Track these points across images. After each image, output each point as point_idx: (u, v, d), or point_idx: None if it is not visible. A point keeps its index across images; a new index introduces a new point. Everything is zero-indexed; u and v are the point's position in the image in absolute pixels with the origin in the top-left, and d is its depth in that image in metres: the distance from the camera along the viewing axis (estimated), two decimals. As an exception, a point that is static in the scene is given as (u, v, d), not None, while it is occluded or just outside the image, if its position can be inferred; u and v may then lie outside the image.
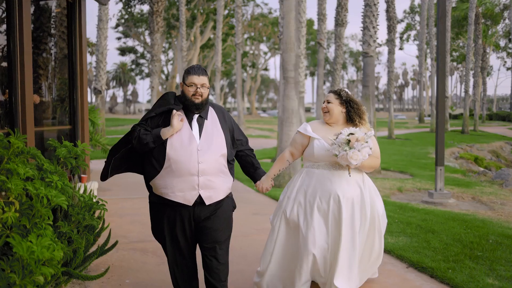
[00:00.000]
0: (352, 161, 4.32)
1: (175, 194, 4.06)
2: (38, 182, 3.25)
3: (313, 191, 4.63)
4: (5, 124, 6.94)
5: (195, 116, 4.18)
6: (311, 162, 4.75)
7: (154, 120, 4.17)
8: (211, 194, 4.12)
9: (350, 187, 4.62)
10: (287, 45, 11.75)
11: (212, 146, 4.12)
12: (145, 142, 4.03)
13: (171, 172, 4.04)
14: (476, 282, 5.34)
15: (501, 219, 8.90)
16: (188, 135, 4.09)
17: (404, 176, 15.41)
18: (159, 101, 4.25)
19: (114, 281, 5.35)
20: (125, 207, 9.27)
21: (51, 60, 9.03)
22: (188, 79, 4.12)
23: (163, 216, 4.21)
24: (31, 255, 2.73)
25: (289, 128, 12.07)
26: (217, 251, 4.20)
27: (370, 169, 4.76)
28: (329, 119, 4.74)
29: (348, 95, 4.76)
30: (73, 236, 3.98)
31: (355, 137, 4.36)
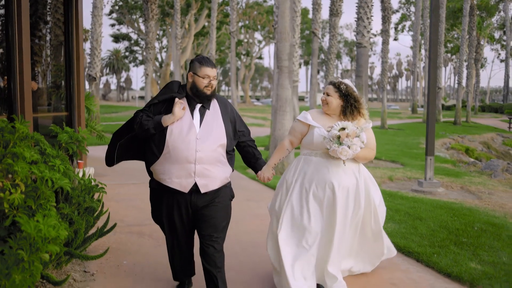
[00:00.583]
0: (341, 157, 4.46)
1: (172, 180, 4.19)
2: (43, 165, 3.43)
3: (310, 178, 4.72)
4: (3, 110, 7.08)
5: (198, 105, 4.29)
6: (309, 150, 4.84)
7: (157, 107, 4.29)
8: (207, 182, 4.24)
9: (346, 176, 4.72)
10: (281, 34, 11.90)
11: (211, 136, 4.23)
12: (146, 128, 4.15)
13: (169, 159, 4.17)
14: (459, 266, 5.56)
15: (487, 208, 9.13)
16: (189, 123, 4.20)
17: (395, 166, 15.64)
18: (163, 89, 4.37)
19: (112, 262, 5.53)
20: (121, 193, 9.44)
21: (48, 47, 9.15)
22: (202, 70, 4.22)
23: (162, 202, 4.37)
24: (38, 233, 2.91)
25: (283, 116, 12.24)
26: (214, 239, 4.33)
27: (365, 160, 4.86)
28: (327, 109, 4.84)
29: (347, 88, 4.82)
30: (74, 217, 4.16)
31: (345, 133, 4.46)
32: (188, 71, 4.35)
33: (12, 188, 3.23)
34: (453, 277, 5.37)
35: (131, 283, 5.00)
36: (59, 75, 9.37)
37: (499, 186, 12.52)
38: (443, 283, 5.27)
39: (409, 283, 5.25)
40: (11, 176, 3.28)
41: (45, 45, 8.99)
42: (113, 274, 5.22)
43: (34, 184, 3.45)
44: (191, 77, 4.28)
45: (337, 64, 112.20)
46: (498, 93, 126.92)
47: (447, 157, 20.07)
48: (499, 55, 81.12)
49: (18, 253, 2.98)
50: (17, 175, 3.22)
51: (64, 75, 9.36)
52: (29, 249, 2.99)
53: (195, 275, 4.88)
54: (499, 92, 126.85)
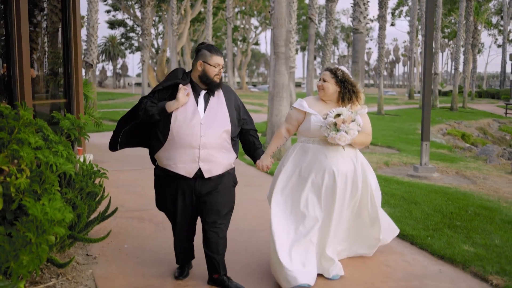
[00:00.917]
0: (340, 143, 4.52)
1: (177, 166, 4.27)
2: (47, 151, 3.53)
3: (308, 165, 4.78)
4: (3, 97, 7.16)
5: (202, 92, 4.37)
6: (306, 137, 4.88)
7: (162, 93, 4.36)
8: (210, 167, 4.32)
9: (344, 162, 4.79)
10: (278, 21, 11.97)
11: (215, 122, 4.31)
12: (151, 113, 4.22)
13: (174, 145, 4.25)
14: (452, 248, 5.69)
15: (481, 193, 9.27)
16: (193, 109, 4.28)
17: (391, 151, 15.76)
18: (168, 76, 4.44)
19: (113, 246, 5.66)
20: (120, 179, 9.54)
21: (46, 34, 9.21)
22: (213, 59, 4.30)
23: (166, 189, 4.45)
24: (45, 216, 3.02)
25: (280, 102, 12.33)
26: (218, 225, 4.43)
27: (361, 145, 4.92)
28: (323, 95, 4.87)
29: (344, 74, 4.85)
30: (77, 202, 4.27)
31: (341, 119, 4.51)
32: (196, 59, 4.38)
33: (18, 173, 3.33)
34: (446, 259, 5.50)
35: (132, 266, 5.12)
36: (57, 62, 9.44)
37: (494, 171, 12.67)
38: (436, 264, 5.41)
39: (404, 265, 5.38)
40: (16, 161, 3.39)
41: (43, 32, 9.05)
42: (115, 258, 5.34)
43: (39, 169, 3.55)
44: (201, 65, 4.32)
45: (334, 50, 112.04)
46: (495, 78, 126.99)
47: (443, 142, 20.21)
48: (496, 40, 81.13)
49: (25, 235, 3.09)
50: (23, 160, 3.32)
51: (62, 62, 9.42)
52: (36, 232, 3.10)
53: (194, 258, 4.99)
54: (496, 77, 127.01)
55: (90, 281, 4.69)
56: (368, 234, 5.28)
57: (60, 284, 4.52)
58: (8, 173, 3.34)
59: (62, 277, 4.64)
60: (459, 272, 5.22)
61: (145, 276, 4.85)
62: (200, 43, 4.49)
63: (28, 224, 3.15)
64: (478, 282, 4.96)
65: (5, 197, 3.39)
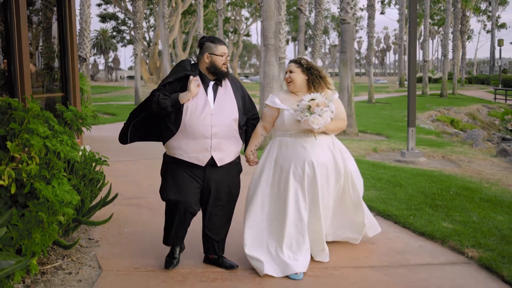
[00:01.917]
0: (314, 126, 4.58)
1: (189, 155, 4.46)
2: (54, 140, 3.87)
3: (287, 158, 4.85)
4: (4, 91, 7.47)
5: (211, 82, 4.57)
6: (283, 131, 4.95)
7: (172, 85, 4.53)
8: (222, 156, 4.54)
9: (323, 152, 4.88)
10: (267, 13, 12.28)
11: (225, 111, 4.51)
12: (164, 106, 4.39)
13: (186, 135, 4.43)
14: (432, 226, 6.07)
15: (465, 175, 9.66)
16: (204, 100, 4.47)
17: (380, 138, 16.14)
18: (176, 68, 4.63)
19: (114, 231, 6.01)
20: (119, 169, 9.86)
21: (43, 30, 9.50)
22: (219, 49, 4.52)
23: (175, 171, 4.56)
24: (56, 197, 3.37)
25: (270, 93, 12.66)
26: (223, 210, 4.72)
27: (336, 131, 5.03)
28: (293, 88, 4.96)
29: (308, 62, 4.97)
30: (80, 187, 4.62)
31: (315, 102, 4.59)
32: (201, 53, 4.57)
33: (29, 160, 3.67)
34: (427, 235, 5.88)
35: (132, 248, 5.47)
36: (54, 57, 9.73)
37: (479, 155, 13.07)
38: (417, 240, 5.79)
39: (387, 242, 5.75)
40: (27, 149, 3.72)
41: (40, 28, 9.34)
42: (116, 241, 5.69)
43: (47, 156, 3.89)
44: (208, 57, 4.52)
45: (325, 40, 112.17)
46: (486, 64, 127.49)
47: (431, 128, 20.59)
48: (485, 26, 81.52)
49: (38, 215, 3.44)
50: (33, 148, 3.66)
51: (59, 57, 9.72)
52: (47, 212, 3.45)
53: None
54: (486, 63, 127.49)
55: (94, 261, 5.04)
56: (353, 219, 5.37)
57: (66, 264, 4.87)
58: (19, 160, 3.69)
59: (67, 258, 4.99)
60: (438, 246, 5.60)
61: (145, 257, 5.20)
62: (202, 37, 4.69)
63: (40, 205, 3.50)
64: (455, 255, 5.34)
65: (17, 182, 3.73)
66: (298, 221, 4.80)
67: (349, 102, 15.93)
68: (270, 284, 4.53)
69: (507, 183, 9.08)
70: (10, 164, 3.64)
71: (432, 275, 4.80)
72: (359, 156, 11.54)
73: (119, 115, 22.75)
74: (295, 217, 4.80)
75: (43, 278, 4.49)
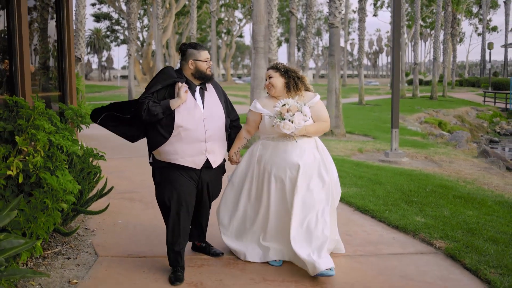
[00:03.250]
0: (285, 131, 4.66)
1: (185, 159, 4.58)
2: (57, 135, 4.29)
3: (269, 161, 4.94)
4: (5, 90, 7.87)
5: (197, 88, 4.72)
6: (265, 135, 5.06)
7: (160, 92, 4.59)
8: (215, 158, 4.76)
9: (305, 154, 4.91)
10: (257, 17, 12.74)
11: (214, 115, 4.70)
12: (156, 113, 4.44)
13: (180, 139, 4.53)
14: (406, 220, 6.53)
15: (443, 174, 10.14)
16: (193, 105, 4.61)
17: (366, 139, 16.62)
18: (161, 76, 4.69)
19: (108, 222, 6.44)
20: (111, 166, 10.23)
21: (42, 31, 9.90)
22: (202, 55, 4.66)
23: (170, 175, 4.67)
24: (60, 185, 3.80)
25: (259, 94, 13.10)
26: (209, 204, 5.13)
27: (317, 133, 5.04)
28: (274, 92, 5.03)
29: (284, 66, 5.09)
30: (79, 180, 5.04)
31: (285, 108, 4.69)
32: (184, 59, 4.70)
33: (35, 153, 4.10)
34: (400, 228, 6.33)
35: (125, 237, 5.90)
36: (51, 57, 10.13)
37: (461, 156, 13.57)
38: (390, 233, 6.24)
39: (362, 234, 6.20)
40: (33, 143, 4.15)
41: (39, 29, 9.73)
42: (110, 231, 6.12)
43: (50, 150, 4.32)
44: (192, 63, 4.65)
45: (318, 41, 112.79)
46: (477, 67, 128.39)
47: (418, 130, 21.11)
48: (477, 29, 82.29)
49: (43, 201, 3.86)
50: (38, 142, 4.08)
51: (56, 57, 10.12)
52: (52, 198, 3.88)
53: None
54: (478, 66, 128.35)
55: (90, 248, 5.46)
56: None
57: (65, 250, 5.30)
58: (26, 153, 4.11)
59: (66, 245, 5.42)
60: (410, 238, 6.06)
61: (137, 245, 5.62)
62: (182, 44, 4.82)
63: (45, 193, 3.93)
64: (425, 246, 5.79)
65: (23, 172, 4.15)
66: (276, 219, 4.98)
67: (337, 103, 16.41)
68: (251, 269, 4.97)
69: (483, 182, 9.57)
70: (18, 156, 4.06)
71: (401, 263, 5.25)
72: (345, 156, 12.00)
73: (112, 114, 23.09)
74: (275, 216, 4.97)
75: (44, 262, 4.92)
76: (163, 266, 4.95)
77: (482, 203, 7.47)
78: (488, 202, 7.53)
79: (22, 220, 3.93)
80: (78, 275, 4.73)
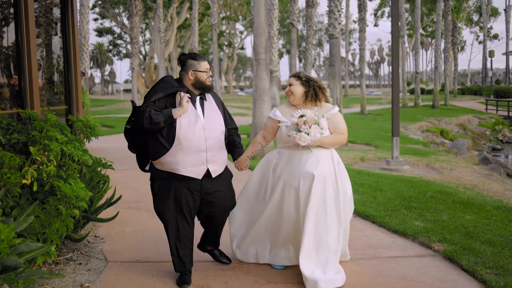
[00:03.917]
0: (300, 143, 4.68)
1: (186, 169, 4.59)
2: (69, 145, 4.51)
3: (283, 169, 4.97)
4: (14, 105, 8.11)
5: (197, 98, 4.74)
6: (282, 143, 5.07)
7: (161, 101, 4.59)
8: (216, 168, 4.75)
9: (320, 165, 4.88)
10: (258, 30, 12.99)
11: (214, 125, 4.71)
12: (157, 121, 4.42)
13: (181, 149, 4.54)
14: (405, 224, 6.72)
15: (444, 181, 10.32)
16: (194, 115, 4.63)
17: (368, 148, 16.81)
18: (161, 84, 4.68)
19: (117, 229, 6.64)
20: (117, 177, 10.44)
21: (49, 47, 10.16)
22: (202, 65, 4.67)
23: (170, 189, 4.69)
24: (73, 192, 4.00)
25: (261, 105, 13.35)
26: (222, 212, 4.98)
27: (333, 145, 5.02)
28: (293, 100, 5.05)
29: (306, 75, 5.12)
30: (89, 188, 5.25)
31: (302, 120, 4.71)
32: (184, 70, 4.72)
33: (48, 162, 4.31)
34: (400, 233, 6.51)
35: (134, 244, 6.10)
36: (58, 73, 10.38)
37: (462, 163, 13.74)
38: (391, 237, 6.42)
39: (363, 238, 6.38)
40: (46, 153, 4.36)
41: (47, 45, 9.99)
42: (119, 238, 6.32)
43: (62, 160, 4.53)
44: (192, 74, 4.67)
45: (319, 52, 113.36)
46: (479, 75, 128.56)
47: (420, 139, 21.29)
48: (478, 37, 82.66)
49: (57, 207, 4.07)
50: (51, 152, 4.30)
51: (62, 72, 10.38)
52: (65, 205, 4.08)
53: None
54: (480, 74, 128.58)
55: (100, 254, 5.67)
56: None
57: (76, 256, 5.50)
58: (40, 162, 4.33)
59: (77, 251, 5.62)
60: (409, 242, 6.24)
61: (145, 251, 5.82)
62: (181, 54, 4.80)
63: (59, 200, 4.14)
64: (423, 249, 5.97)
65: (37, 181, 4.36)
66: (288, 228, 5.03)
67: (338, 113, 16.58)
68: (256, 272, 5.16)
69: (482, 188, 9.75)
70: (32, 165, 4.27)
71: (400, 265, 5.43)
72: (347, 165, 12.13)
73: (116, 127, 23.39)
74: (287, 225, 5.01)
75: (57, 267, 5.12)
76: (171, 270, 5.13)
77: (481, 208, 7.65)
78: (486, 207, 7.71)
79: (37, 226, 4.14)
80: (90, 279, 4.92)
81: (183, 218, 4.76)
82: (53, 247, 4.13)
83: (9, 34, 8.12)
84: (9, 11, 8.06)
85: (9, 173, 4.05)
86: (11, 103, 8.10)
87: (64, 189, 4.02)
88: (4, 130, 4.67)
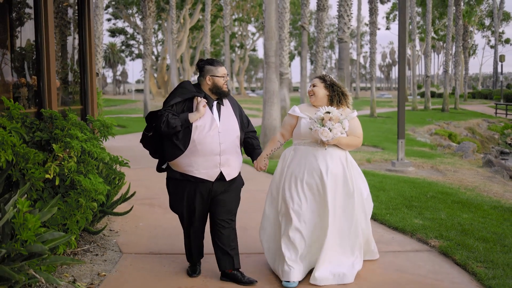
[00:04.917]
0: (322, 137, 4.77)
1: (200, 171, 4.71)
2: (88, 143, 4.88)
3: (300, 166, 5.03)
4: (33, 104, 8.50)
5: (214, 102, 4.84)
6: (298, 140, 5.15)
7: (179, 105, 4.73)
8: (230, 171, 4.83)
9: (333, 163, 4.97)
10: (268, 34, 13.36)
11: (229, 129, 4.81)
12: (174, 125, 4.57)
13: (196, 152, 4.67)
14: (405, 222, 7.04)
15: (446, 182, 10.61)
16: (210, 119, 4.74)
17: (375, 150, 17.11)
18: (179, 90, 4.82)
19: (131, 224, 7.02)
20: (130, 175, 10.74)
21: (66, 49, 10.56)
22: (220, 71, 4.78)
23: (184, 190, 4.85)
24: (93, 186, 4.37)
25: (271, 107, 13.71)
26: (230, 222, 4.92)
27: (349, 147, 5.13)
28: (314, 101, 5.15)
29: (332, 79, 5.20)
30: (106, 184, 5.61)
31: (329, 116, 4.78)
32: (202, 76, 4.83)
33: (69, 159, 4.68)
34: (399, 230, 6.85)
35: (147, 237, 6.47)
36: (75, 73, 10.78)
37: (467, 165, 14.00)
38: (390, 234, 6.75)
39: (364, 234, 6.71)
40: (67, 150, 4.73)
41: (64, 47, 10.40)
42: (133, 232, 6.70)
43: (82, 156, 4.91)
44: (210, 79, 4.79)
45: (331, 54, 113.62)
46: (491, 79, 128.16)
47: (427, 141, 21.53)
48: (490, 41, 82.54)
49: (77, 200, 4.44)
50: (72, 149, 4.66)
51: (79, 73, 10.77)
52: (85, 198, 4.45)
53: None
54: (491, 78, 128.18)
55: (115, 247, 6.04)
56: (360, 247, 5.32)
57: (92, 248, 5.88)
58: (62, 158, 4.70)
59: (93, 243, 6.00)
60: (408, 238, 6.57)
61: (158, 244, 6.19)
62: (200, 60, 4.92)
63: (79, 194, 4.51)
64: (421, 245, 6.30)
65: (59, 176, 4.74)
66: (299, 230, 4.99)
67: (346, 115, 16.89)
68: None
69: (483, 189, 10.03)
70: (54, 161, 4.65)
71: (397, 259, 5.76)
72: (353, 165, 12.49)
73: (129, 127, 23.86)
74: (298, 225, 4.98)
75: (75, 258, 5.49)
76: (182, 261, 5.49)
77: (478, 207, 7.96)
78: (484, 206, 8.02)
79: (59, 217, 4.51)
80: (106, 269, 5.30)
81: (195, 216, 4.92)
82: (73, 237, 4.50)
83: (28, 36, 8.51)
84: (29, 15, 8.46)
85: (33, 168, 4.43)
86: (30, 102, 8.50)
87: (84, 183, 4.39)
88: (28, 128, 5.05)
